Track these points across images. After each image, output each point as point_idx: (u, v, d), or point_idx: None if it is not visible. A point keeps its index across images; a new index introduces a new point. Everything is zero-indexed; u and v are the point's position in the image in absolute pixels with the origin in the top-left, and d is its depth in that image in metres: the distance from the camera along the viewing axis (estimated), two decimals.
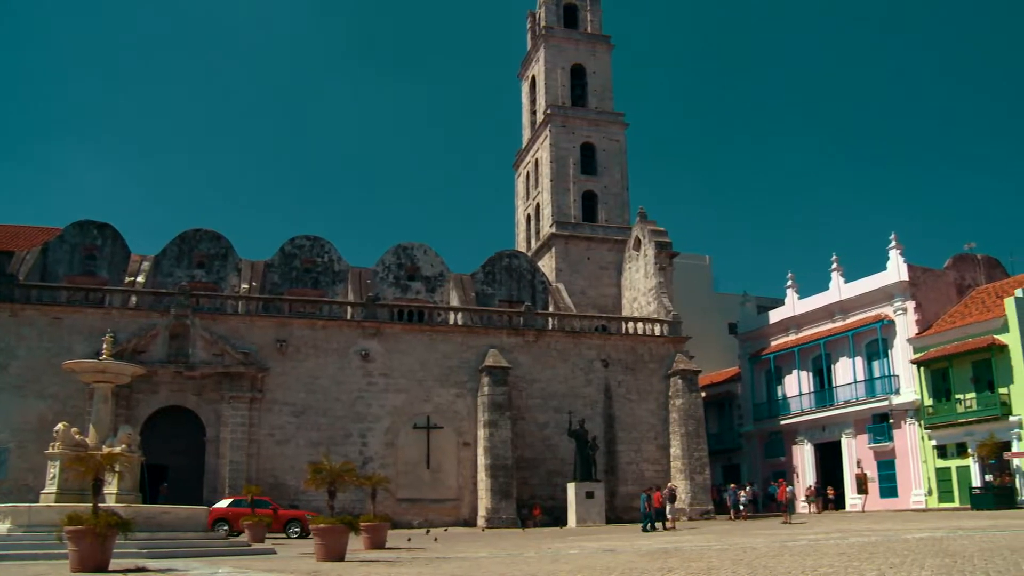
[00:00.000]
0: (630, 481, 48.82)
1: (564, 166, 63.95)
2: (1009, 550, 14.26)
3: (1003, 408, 42.07)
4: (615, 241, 62.23)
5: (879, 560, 13.18)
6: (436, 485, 45.79)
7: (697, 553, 17.23)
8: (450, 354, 47.52)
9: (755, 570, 12.56)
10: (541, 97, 67.19)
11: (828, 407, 51.94)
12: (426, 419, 46.25)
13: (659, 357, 51.43)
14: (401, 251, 55.26)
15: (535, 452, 47.63)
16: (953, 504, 43.55)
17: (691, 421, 49.50)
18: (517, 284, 56.84)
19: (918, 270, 48.73)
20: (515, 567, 15.22)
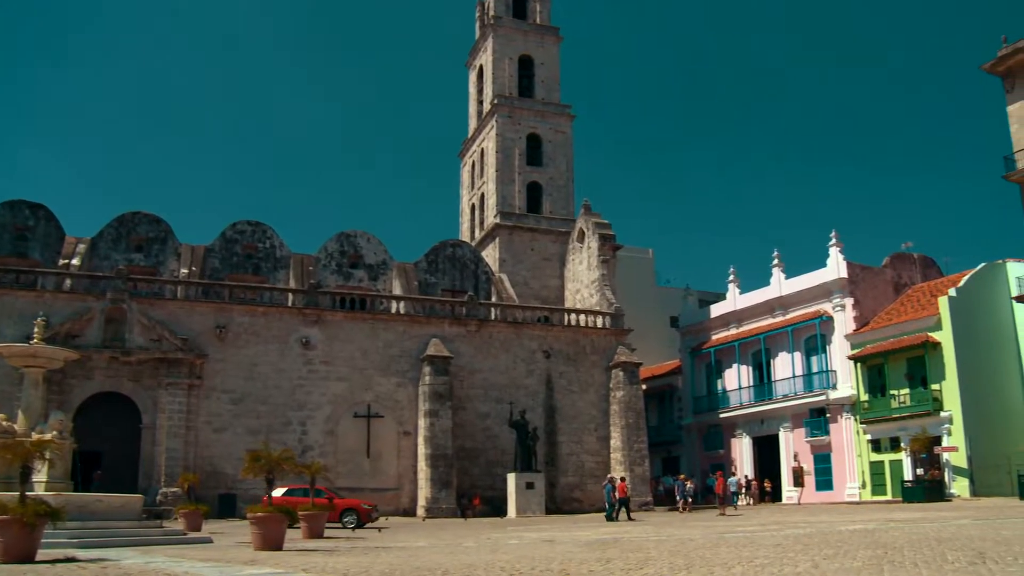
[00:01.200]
0: (570, 472, 49.08)
1: (510, 156, 63.90)
2: (936, 541, 14.58)
3: (935, 404, 43.09)
4: (559, 233, 62.37)
5: (813, 551, 13.36)
6: (376, 474, 45.58)
7: (635, 544, 17.32)
8: (392, 343, 47.28)
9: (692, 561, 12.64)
10: (488, 87, 67.02)
11: (767, 401, 52.73)
12: (367, 408, 45.99)
13: (601, 349, 51.70)
14: (344, 238, 54.79)
15: (476, 442, 47.63)
16: (886, 497, 44.51)
17: (631, 413, 49.88)
18: (460, 274, 56.72)
19: (857, 268, 49.65)
20: (454, 557, 15.16)
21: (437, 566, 13.18)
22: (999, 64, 44.04)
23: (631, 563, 12.72)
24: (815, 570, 10.72)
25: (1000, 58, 43.91)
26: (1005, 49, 43.79)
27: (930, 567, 10.58)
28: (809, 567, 11.05)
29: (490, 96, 66.19)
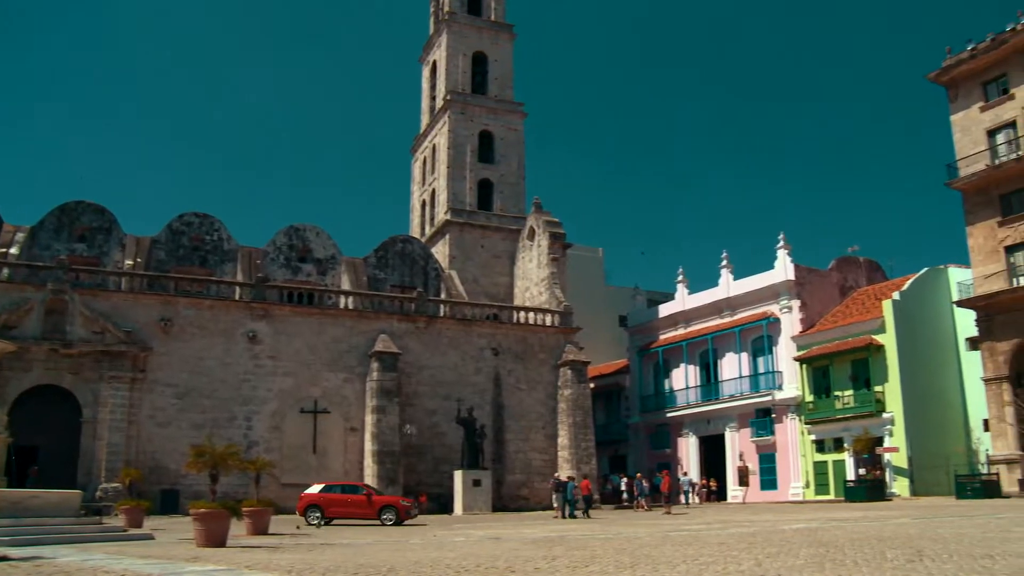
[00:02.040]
0: (518, 470, 49.14)
1: (461, 153, 63.78)
2: (877, 539, 14.85)
3: (877, 405, 43.87)
4: (510, 230, 62.38)
5: (757, 550, 13.52)
6: (322, 470, 45.12)
7: (581, 542, 17.40)
8: (340, 338, 46.92)
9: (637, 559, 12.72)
10: (441, 83, 66.82)
11: (713, 401, 53.24)
12: (313, 403, 45.60)
13: (549, 347, 51.82)
14: (293, 232, 54.26)
15: (423, 439, 47.46)
16: (828, 496, 45.19)
17: (579, 411, 50.06)
18: (410, 270, 56.49)
19: (804, 270, 50.33)
20: (399, 554, 15.11)
21: (383, 563, 13.11)
22: (943, 74, 44.90)
23: (577, 561, 12.76)
24: (758, 568, 10.84)
25: (944, 68, 44.77)
26: (949, 60, 44.66)
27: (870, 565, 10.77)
28: (752, 565, 11.18)
29: (443, 92, 65.99)
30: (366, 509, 31.82)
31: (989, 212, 42.53)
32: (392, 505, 32.31)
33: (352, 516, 31.98)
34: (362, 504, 31.98)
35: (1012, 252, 41.73)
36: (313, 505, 31.92)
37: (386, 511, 31.76)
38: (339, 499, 32.31)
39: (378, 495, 33.80)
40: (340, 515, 32.03)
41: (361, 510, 31.88)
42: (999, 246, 42.05)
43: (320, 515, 31.39)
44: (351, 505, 32.17)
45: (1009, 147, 42.40)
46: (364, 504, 31.97)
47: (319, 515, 31.36)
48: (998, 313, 41.35)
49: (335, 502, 32.10)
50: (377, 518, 31.39)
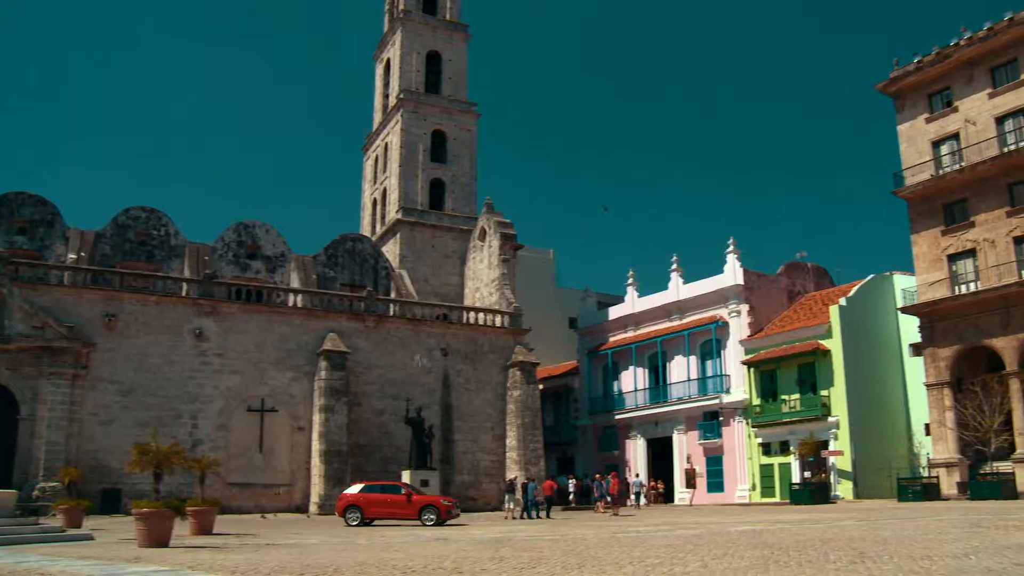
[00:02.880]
0: (466, 470, 49.06)
1: (414, 152, 63.58)
2: (821, 541, 15.04)
3: (823, 409, 44.49)
4: (461, 230, 62.30)
5: (703, 552, 13.63)
6: (268, 470, 44.72)
7: (529, 543, 17.40)
8: (288, 336, 46.46)
9: (584, 560, 12.75)
10: (395, 81, 66.55)
11: (662, 403, 53.58)
12: (260, 402, 45.07)
13: (499, 348, 51.80)
14: (242, 228, 53.65)
15: (371, 439, 47.18)
16: (774, 499, 45.72)
17: (528, 412, 50.11)
18: (360, 268, 56.15)
19: (753, 275, 50.86)
20: (346, 554, 14.99)
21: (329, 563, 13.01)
22: (891, 84, 45.70)
23: (524, 562, 12.76)
24: (704, 570, 10.92)
25: (892, 79, 45.57)
26: (897, 71, 45.47)
27: (813, 566, 10.90)
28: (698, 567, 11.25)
29: (396, 90, 65.74)
30: (406, 509, 30.97)
31: (933, 221, 43.38)
32: (433, 504, 31.26)
33: (392, 516, 31.19)
34: (402, 504, 31.09)
35: (954, 260, 42.59)
36: (352, 506, 31.20)
37: (427, 511, 30.81)
38: (379, 499, 31.43)
39: (418, 494, 32.70)
40: (380, 515, 31.23)
41: (401, 510, 31.03)
42: (942, 254, 42.88)
43: (359, 516, 30.66)
44: (391, 505, 31.33)
45: (953, 158, 43.27)
46: (404, 504, 31.09)
47: (358, 516, 30.62)
48: (940, 320, 42.19)
49: (375, 502, 31.27)
50: (417, 518, 30.52)
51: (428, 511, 30.61)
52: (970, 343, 41.31)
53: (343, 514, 30.98)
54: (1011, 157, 40.42)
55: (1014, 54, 41.39)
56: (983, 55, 42.38)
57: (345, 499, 31.81)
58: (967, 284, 41.90)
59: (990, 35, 41.82)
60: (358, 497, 31.59)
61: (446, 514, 30.49)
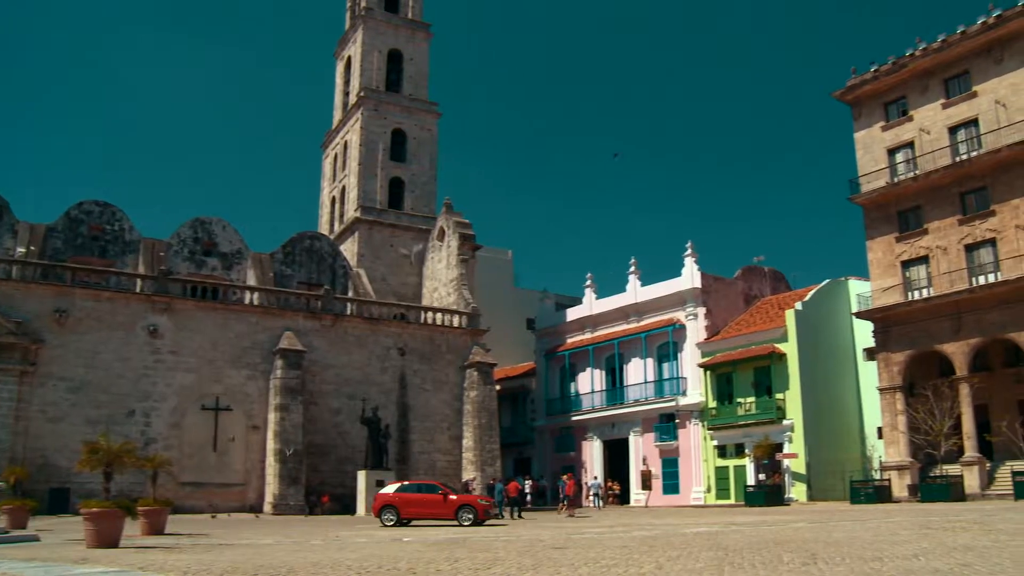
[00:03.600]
0: (422, 471, 48.86)
1: (373, 151, 63.28)
2: (774, 543, 15.13)
3: (778, 412, 44.89)
4: (420, 230, 62.12)
5: (658, 553, 13.64)
6: (222, 469, 44.23)
7: (484, 544, 17.34)
8: (244, 334, 46.00)
9: (540, 561, 12.71)
10: (356, 79, 66.18)
11: (618, 405, 53.75)
12: (215, 400, 44.58)
13: (456, 348, 51.71)
14: (199, 225, 53.03)
15: (327, 438, 46.86)
16: (729, 501, 46.04)
17: (485, 413, 50.07)
18: (317, 267, 55.76)
19: (710, 278, 51.19)
20: (300, 555, 14.84)
21: (282, 564, 12.86)
22: (848, 93, 46.27)
23: (479, 563, 12.70)
24: (659, 571, 10.92)
25: (849, 87, 46.14)
26: (854, 79, 46.05)
27: (767, 568, 10.95)
28: (653, 568, 11.26)
29: (357, 88, 65.39)
30: (442, 509, 29.93)
31: (888, 228, 43.97)
32: (470, 504, 30.10)
33: (428, 516, 30.33)
34: (438, 503, 30.09)
35: (908, 267, 43.21)
36: (388, 506, 30.24)
37: (464, 510, 29.60)
38: (415, 499, 30.48)
39: (455, 493, 31.78)
40: (416, 515, 30.37)
41: (437, 510, 30.04)
42: (896, 260, 43.48)
43: (395, 516, 29.75)
44: (427, 505, 30.34)
45: (907, 166, 43.91)
46: (440, 503, 30.07)
47: (394, 516, 29.73)
48: (894, 325, 42.78)
49: (411, 502, 30.33)
50: (454, 518, 29.41)
51: (465, 511, 29.49)
52: (922, 348, 41.95)
53: (379, 514, 30.17)
54: (963, 166, 41.12)
55: (966, 66, 42.14)
56: (937, 66, 43.08)
57: (381, 499, 30.88)
58: (920, 290, 42.53)
59: (943, 47, 42.53)
60: (394, 497, 30.60)
61: (484, 514, 29.52)
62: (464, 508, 29.58)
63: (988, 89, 41.17)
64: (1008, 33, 40.48)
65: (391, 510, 29.92)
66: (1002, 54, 40.86)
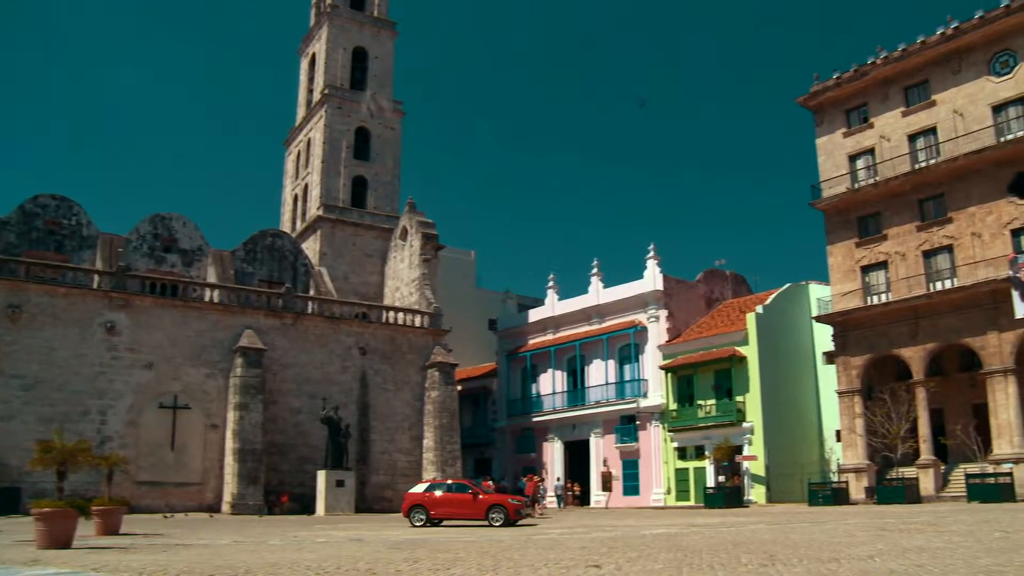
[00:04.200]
0: (382, 471, 48.67)
1: (337, 149, 62.94)
2: (732, 544, 15.21)
3: (738, 415, 45.23)
4: (382, 229, 61.87)
5: (618, 554, 13.66)
6: (180, 468, 43.68)
7: (444, 545, 17.27)
8: (203, 332, 45.48)
9: (499, 562, 12.68)
10: (320, 76, 65.77)
11: (579, 407, 53.88)
12: (173, 398, 44.02)
13: (418, 348, 51.54)
14: (158, 220, 52.38)
15: (286, 437, 46.49)
16: (689, 502, 46.33)
17: (445, 414, 49.95)
18: (279, 265, 55.32)
19: (672, 281, 51.47)
20: (258, 555, 14.68)
21: (240, 564, 12.71)
22: (811, 99, 46.78)
23: (439, 563, 12.65)
24: (618, 572, 10.93)
25: (812, 93, 46.65)
26: (817, 86, 46.58)
27: (725, 569, 10.99)
28: (612, 569, 11.26)
29: (321, 86, 64.99)
30: (472, 509, 28.89)
31: (848, 233, 44.50)
32: (501, 504, 28.92)
33: (458, 517, 29.38)
34: (468, 503, 29.03)
35: (867, 272, 43.76)
36: (418, 505, 29.41)
37: (494, 510, 28.51)
38: (445, 499, 29.46)
39: (486, 493, 30.46)
40: (446, 516, 29.46)
41: (467, 510, 29.02)
42: (856, 266, 44.01)
43: (425, 516, 28.96)
44: (457, 505, 29.32)
45: (868, 172, 44.49)
46: (470, 503, 29.00)
47: (424, 516, 28.94)
48: (853, 329, 43.30)
49: (441, 502, 29.38)
50: (484, 518, 28.40)
51: (495, 511, 28.42)
52: (880, 352, 42.51)
53: (408, 514, 29.41)
54: (921, 174, 41.75)
55: (925, 76, 42.82)
56: (897, 75, 43.73)
57: (411, 499, 30.05)
58: (879, 295, 43.09)
59: (904, 56, 43.18)
60: (423, 497, 29.75)
61: (515, 514, 28.37)
62: (494, 508, 28.59)
63: (946, 99, 41.85)
64: (965, 45, 41.23)
65: (420, 510, 29.18)
66: (960, 65, 41.58)
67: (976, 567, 10.58)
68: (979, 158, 39.74)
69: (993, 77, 40.52)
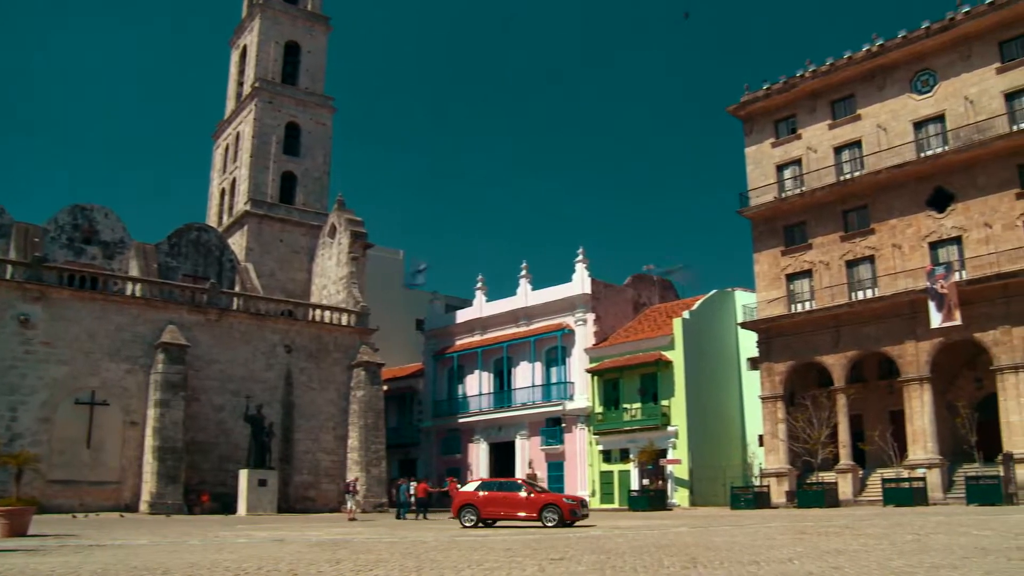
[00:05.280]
0: (305, 470, 48.07)
1: (266, 143, 62.03)
2: (655, 547, 15.30)
3: (663, 419, 45.67)
4: (311, 226, 61.20)
5: (541, 556, 13.64)
6: (96, 466, 42.47)
7: (367, 545, 17.10)
8: (124, 326, 44.35)
9: (422, 563, 12.58)
10: (251, 69, 64.75)
11: (505, 408, 53.92)
12: (90, 394, 42.79)
13: (344, 347, 51.04)
14: (79, 211, 51.00)
15: (208, 436, 45.61)
16: (613, 505, 46.67)
17: (371, 413, 49.54)
18: (204, 259, 54.30)
19: (600, 284, 51.80)
20: (176, 556, 14.34)
21: (157, 565, 12.40)
22: (740, 109, 47.50)
23: (361, 564, 12.50)
24: (541, 574, 10.91)
25: (742, 103, 47.37)
26: (747, 96, 47.32)
27: (648, 571, 11.03)
28: (536, 571, 11.22)
29: (252, 79, 63.99)
30: (525, 508, 27.16)
31: (774, 241, 45.29)
32: (555, 504, 27.13)
33: (510, 517, 27.68)
34: (521, 503, 27.34)
35: (792, 280, 44.58)
36: (469, 505, 27.88)
37: (548, 510, 26.72)
38: (496, 498, 27.84)
39: (540, 492, 28.88)
40: (497, 516, 27.87)
41: (520, 509, 27.31)
42: (781, 273, 44.80)
43: (475, 516, 27.46)
44: (509, 504, 27.66)
45: (795, 182, 45.32)
46: (523, 503, 27.30)
47: (474, 516, 27.46)
48: (777, 336, 44.07)
49: (492, 501, 27.77)
50: (538, 518, 26.67)
51: (549, 511, 26.67)
52: (803, 359, 43.33)
53: (458, 515, 27.93)
54: (846, 185, 42.73)
55: (852, 90, 43.86)
56: (825, 88, 44.70)
57: (461, 497, 28.69)
58: (803, 303, 43.94)
59: (831, 71, 44.16)
60: (474, 496, 28.29)
61: (570, 514, 26.49)
62: (548, 507, 26.87)
63: (871, 113, 42.88)
64: (890, 62, 42.34)
65: (471, 510, 27.73)
66: (884, 82, 42.67)
67: (889, 568, 10.79)
68: (900, 172, 40.79)
69: (915, 95, 41.65)
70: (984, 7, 39.38)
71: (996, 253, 37.75)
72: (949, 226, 39.64)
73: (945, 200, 39.99)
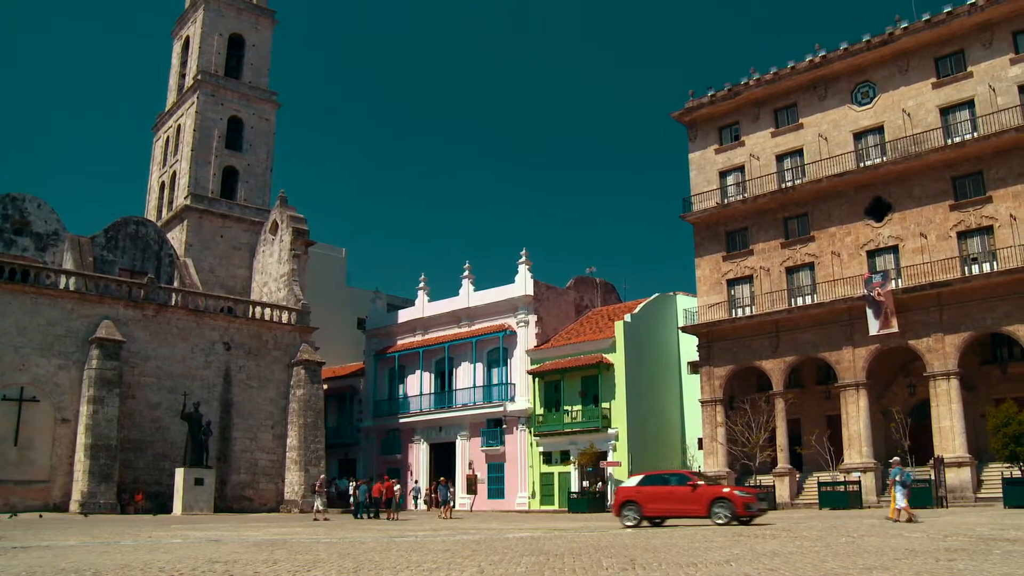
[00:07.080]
0: (243, 470, 47.46)
1: (208, 137, 61.15)
2: (594, 549, 15.35)
3: (604, 421, 45.86)
4: (252, 222, 60.45)
5: (480, 557, 13.61)
6: (24, 465, 41.36)
7: (305, 546, 16.94)
8: (56, 321, 43.32)
9: (361, 564, 12.49)
10: (193, 61, 63.78)
11: (446, 409, 53.75)
12: (19, 390, 41.69)
13: (284, 345, 50.49)
14: (9, 201, 49.78)
15: (143, 433, 44.76)
16: (553, 507, 46.75)
17: (310, 412, 49.08)
18: (142, 254, 53.32)
19: (543, 286, 51.88)
20: (108, 557, 14.03)
21: (87, 567, 12.12)
22: (685, 114, 47.95)
23: (298, 565, 12.37)
24: (480, 575, 10.86)
25: (687, 109, 47.81)
26: (692, 102, 47.79)
27: (586, 572, 11.05)
28: (475, 572, 11.19)
29: (194, 71, 63.03)
30: (692, 504, 24.52)
31: (716, 247, 45.77)
32: (725, 498, 24.24)
33: (676, 513, 25.20)
34: (686, 497, 24.64)
35: (733, 285, 45.10)
36: (630, 502, 25.47)
37: (718, 505, 23.97)
38: (659, 493, 25.26)
39: (708, 485, 25.80)
40: (661, 512, 25.39)
41: (686, 505, 24.67)
42: (722, 279, 45.29)
43: (636, 513, 25.12)
44: (673, 499, 24.98)
45: (737, 189, 45.87)
46: (688, 497, 24.60)
47: (637, 515, 25.10)
48: (717, 340, 44.54)
49: (655, 496, 25.21)
50: (707, 514, 24.12)
51: (720, 505, 23.94)
52: (743, 364, 43.85)
53: (619, 512, 25.72)
54: (787, 193, 43.33)
55: (793, 100, 44.59)
56: (768, 97, 45.33)
57: (623, 493, 26.33)
58: (743, 308, 44.46)
59: (775, 79, 44.82)
60: (635, 491, 25.80)
61: (743, 509, 23.78)
62: (718, 502, 24.11)
63: (813, 122, 43.59)
64: (831, 73, 43.12)
65: (633, 507, 25.41)
66: (825, 92, 43.43)
67: (824, 570, 10.94)
68: (840, 181, 41.50)
69: (855, 106, 42.43)
70: (921, 24, 40.33)
71: (930, 263, 38.61)
72: (886, 235, 40.44)
73: (883, 210, 40.80)
